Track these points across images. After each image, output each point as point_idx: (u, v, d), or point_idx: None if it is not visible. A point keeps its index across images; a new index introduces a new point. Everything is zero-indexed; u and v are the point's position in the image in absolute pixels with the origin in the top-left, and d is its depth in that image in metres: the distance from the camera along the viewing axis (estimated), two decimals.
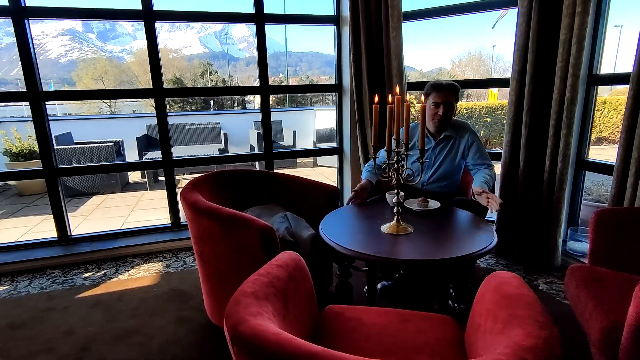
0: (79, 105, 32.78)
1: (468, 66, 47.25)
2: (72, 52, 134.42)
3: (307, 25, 3.17)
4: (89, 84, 35.37)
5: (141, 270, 2.53)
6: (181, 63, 52.31)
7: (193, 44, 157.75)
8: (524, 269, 2.44)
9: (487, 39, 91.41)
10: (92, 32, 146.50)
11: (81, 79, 37.73)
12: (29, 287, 2.35)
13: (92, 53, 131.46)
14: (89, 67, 40.30)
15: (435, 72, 67.23)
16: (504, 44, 53.05)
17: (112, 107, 32.59)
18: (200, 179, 2.00)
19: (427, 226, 1.66)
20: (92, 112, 28.96)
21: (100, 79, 36.39)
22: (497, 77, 14.79)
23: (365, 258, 1.38)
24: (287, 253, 1.23)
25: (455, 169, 2.14)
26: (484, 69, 44.82)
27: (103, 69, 37.81)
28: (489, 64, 45.03)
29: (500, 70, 50.33)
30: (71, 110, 31.47)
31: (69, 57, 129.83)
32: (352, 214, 1.92)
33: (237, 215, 1.57)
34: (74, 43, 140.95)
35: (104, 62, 42.66)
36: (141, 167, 3.41)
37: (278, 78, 59.18)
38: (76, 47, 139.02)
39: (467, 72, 46.40)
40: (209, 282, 1.78)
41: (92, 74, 37.35)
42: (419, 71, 62.01)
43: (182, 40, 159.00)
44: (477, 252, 1.38)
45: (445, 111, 2.02)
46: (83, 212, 4.18)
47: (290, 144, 6.38)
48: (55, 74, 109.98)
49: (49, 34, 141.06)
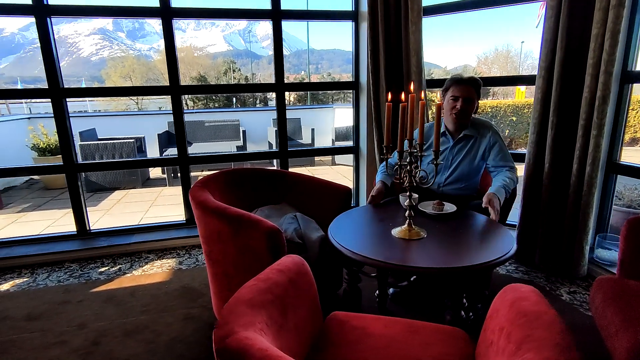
0: (108, 102, 33.93)
1: (495, 63, 45.95)
2: (103, 51, 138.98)
3: (327, 22, 3.12)
4: (117, 82, 36.48)
5: (154, 267, 2.55)
6: (205, 61, 53.26)
7: (218, 42, 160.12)
8: (545, 276, 2.32)
9: (515, 34, 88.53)
10: (122, 31, 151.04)
11: (110, 76, 39.01)
12: (47, 280, 2.41)
13: (122, 51, 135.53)
14: (117, 65, 41.60)
15: (460, 69, 65.72)
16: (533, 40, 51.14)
17: (138, 104, 33.50)
18: (211, 177, 1.98)
19: (442, 231, 1.58)
20: (119, 109, 29.92)
21: (128, 76, 37.51)
22: (524, 74, 14.19)
23: (374, 264, 1.32)
24: (290, 257, 1.18)
25: (474, 170, 2.03)
26: (512, 66, 43.48)
27: (131, 67, 38.95)
28: (516, 61, 43.66)
29: (529, 68, 48.74)
30: (100, 107, 32.63)
31: (99, 56, 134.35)
32: (364, 215, 1.85)
33: (244, 216, 1.54)
34: (104, 42, 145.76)
35: (132, 60, 43.92)
36: (157, 163, 3.45)
37: (300, 75, 59.33)
38: (106, 45, 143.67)
39: (493, 69, 45.18)
40: (217, 282, 1.76)
41: (121, 71, 38.56)
42: (443, 68, 60.76)
43: (208, 38, 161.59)
44: (493, 260, 1.29)
45: (464, 106, 1.92)
46: (105, 206, 4.28)
47: (308, 141, 6.34)
48: (86, 72, 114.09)
49: (82, 33, 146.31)
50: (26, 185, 5.28)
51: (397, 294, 2.04)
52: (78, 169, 2.76)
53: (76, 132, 4.97)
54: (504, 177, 1.88)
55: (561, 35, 2.12)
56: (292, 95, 30.08)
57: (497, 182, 1.86)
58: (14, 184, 5.24)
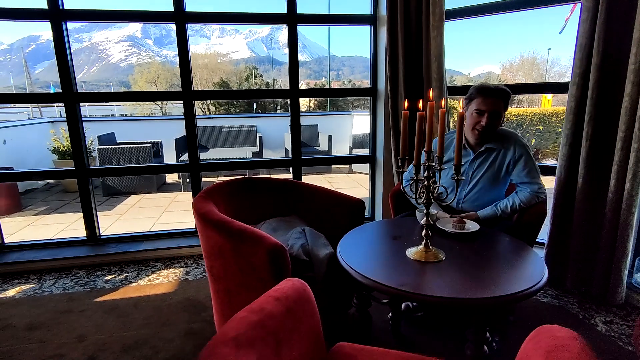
0: (134, 107, 34.91)
1: (520, 70, 44.91)
2: (132, 57, 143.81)
3: (348, 28, 3.02)
4: (143, 87, 37.53)
5: (161, 276, 2.48)
6: (228, 67, 54.18)
7: (241, 49, 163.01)
8: (578, 302, 2.11)
9: (540, 41, 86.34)
10: (149, 38, 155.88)
11: (136, 82, 40.17)
12: (53, 287, 2.37)
13: (149, 58, 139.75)
14: (144, 71, 42.82)
15: (483, 76, 64.43)
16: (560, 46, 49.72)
17: (163, 108, 34.30)
18: (216, 187, 1.89)
19: (462, 253, 1.43)
20: (145, 113, 30.67)
21: (153, 82, 38.53)
22: (554, 81, 13.62)
23: (385, 290, 1.18)
24: (290, 281, 1.06)
25: (497, 186, 1.86)
26: (537, 74, 42.34)
27: (156, 72, 40.00)
28: (542, 68, 42.49)
29: (556, 75, 47.34)
30: (127, 112, 33.58)
31: (128, 62, 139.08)
32: (377, 232, 1.72)
33: (247, 231, 1.43)
34: (133, 48, 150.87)
35: (157, 66, 45.12)
36: (167, 170, 3.40)
37: (320, 82, 59.52)
38: (135, 52, 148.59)
39: (518, 76, 44.17)
40: (219, 299, 1.66)
41: (147, 77, 39.65)
42: (466, 75, 59.73)
43: (231, 45, 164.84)
44: (523, 291, 1.13)
45: (490, 122, 1.74)
46: (119, 211, 4.28)
47: (325, 148, 6.24)
48: (115, 77, 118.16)
49: (112, 40, 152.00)
50: (46, 187, 5.37)
51: (413, 317, 1.89)
52: (89, 174, 2.74)
53: (95, 136, 5.04)
54: (516, 199, 1.79)
55: (598, 39, 1.94)
56: (312, 102, 30.16)
57: (501, 204, 1.80)
58: (35, 186, 5.34)
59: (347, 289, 1.77)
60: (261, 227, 1.87)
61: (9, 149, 5.19)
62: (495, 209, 1.77)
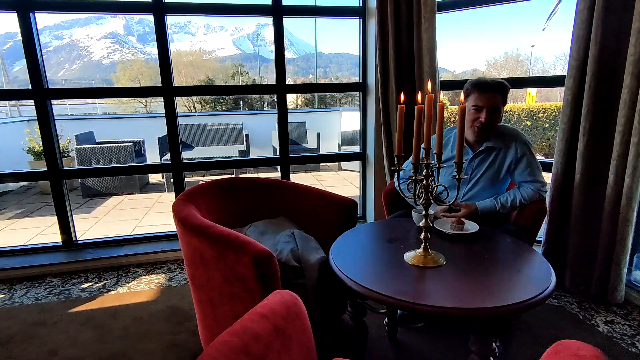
0: (117, 104, 34.12)
1: (504, 67, 45.51)
2: (114, 54, 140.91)
3: (335, 24, 2.92)
4: (125, 84, 36.64)
5: (142, 283, 2.34)
6: (214, 64, 53.50)
7: (227, 46, 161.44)
8: (577, 302, 2.05)
9: (524, 38, 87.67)
10: (132, 35, 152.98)
11: (119, 79, 39.30)
12: (25, 297, 2.20)
13: (132, 55, 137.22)
14: (126, 68, 41.93)
15: (469, 73, 65.10)
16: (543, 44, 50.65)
17: (147, 106, 33.61)
18: (198, 188, 1.77)
19: (463, 256, 1.34)
20: (128, 111, 30.02)
21: (136, 79, 37.72)
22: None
23: (382, 300, 1.08)
24: (279, 294, 0.95)
25: (497, 186, 1.78)
26: (522, 70, 42.94)
27: (139, 70, 39.19)
28: (526, 65, 43.09)
29: (539, 72, 48.12)
30: (110, 110, 32.80)
31: (110, 59, 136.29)
32: (371, 235, 1.62)
33: (230, 236, 1.31)
34: (115, 45, 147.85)
35: (141, 64, 44.24)
36: (148, 170, 3.23)
37: (307, 79, 59.25)
38: (117, 49, 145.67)
39: (503, 73, 44.74)
40: (202, 309, 1.54)
41: (129, 74, 38.82)
42: (452, 72, 60.28)
43: (217, 42, 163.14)
44: (531, 299, 1.05)
45: (489, 117, 1.66)
46: (98, 213, 4.09)
47: (314, 146, 6.12)
48: (97, 75, 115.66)
49: (93, 37, 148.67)
50: (22, 190, 5.13)
51: (412, 325, 1.79)
52: (63, 175, 2.57)
53: (73, 135, 4.82)
54: (518, 193, 1.72)
55: (595, 30, 1.88)
56: (300, 99, 29.94)
57: (502, 198, 1.72)
58: (10, 189, 5.10)
59: (340, 296, 1.67)
60: (247, 230, 1.75)
61: None
62: (495, 203, 1.69)
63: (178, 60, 48.83)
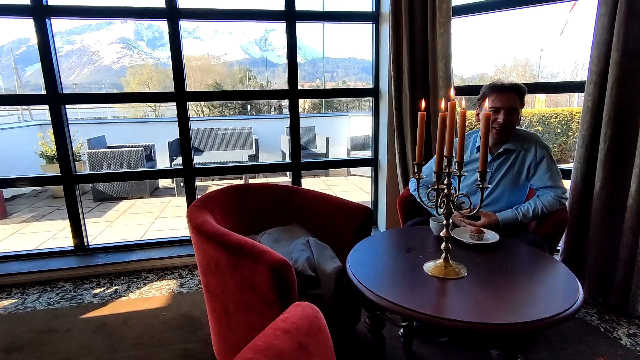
0: (126, 109, 34.50)
1: (513, 72, 45.25)
2: (124, 59, 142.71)
3: (344, 27, 2.91)
4: (135, 89, 37.13)
5: (153, 289, 2.33)
6: (222, 69, 53.90)
7: (235, 51, 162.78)
8: (597, 313, 1.99)
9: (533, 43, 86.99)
10: (142, 40, 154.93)
11: (129, 84, 39.78)
12: (37, 302, 2.20)
13: (141, 60, 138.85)
14: (136, 73, 42.42)
15: (477, 77, 64.91)
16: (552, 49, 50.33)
17: (155, 111, 33.93)
18: (212, 195, 1.75)
19: (484, 267, 1.30)
20: (137, 116, 30.31)
21: (146, 84, 38.15)
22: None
23: (404, 313, 1.05)
24: (299, 307, 0.93)
25: (517, 191, 1.74)
26: (530, 75, 42.64)
27: (149, 74, 39.64)
28: (535, 70, 42.77)
29: (548, 76, 47.68)
30: (119, 114, 33.17)
31: (120, 64, 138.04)
32: (388, 243, 1.59)
33: (246, 245, 1.29)
34: (125, 50, 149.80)
35: (150, 68, 44.74)
36: (160, 175, 3.23)
37: (315, 83, 59.45)
38: (127, 54, 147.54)
39: (511, 78, 44.44)
40: (216, 318, 1.52)
41: (139, 79, 39.28)
42: (460, 77, 60.07)
43: (225, 47, 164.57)
44: (558, 315, 1.01)
45: (508, 118, 1.63)
46: (109, 217, 4.11)
47: (323, 151, 6.10)
48: (107, 80, 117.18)
49: (104, 42, 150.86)
50: (34, 193, 5.18)
51: (436, 339, 1.75)
52: (76, 180, 2.58)
53: (85, 139, 4.86)
54: (539, 203, 1.66)
55: (617, 35, 1.83)
56: (307, 103, 30.02)
57: (523, 207, 1.67)
58: (22, 192, 5.15)
59: (355, 307, 1.64)
60: (262, 237, 1.73)
61: None
62: (517, 213, 1.64)
63: (186, 65, 49.30)
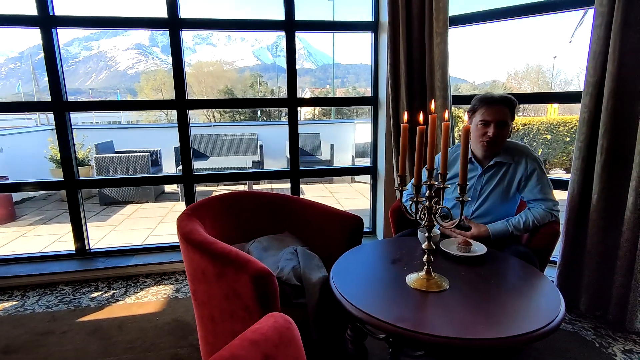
0: (139, 114, 35.13)
1: (525, 78, 44.79)
2: (139, 65, 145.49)
3: (353, 36, 2.91)
4: (149, 94, 37.80)
5: (149, 294, 2.36)
6: (233, 75, 54.48)
7: (246, 57, 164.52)
8: (593, 328, 1.95)
9: (547, 49, 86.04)
10: (157, 46, 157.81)
11: (142, 89, 40.50)
12: (36, 305, 2.25)
13: (156, 65, 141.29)
14: (150, 78, 43.17)
15: (488, 84, 64.27)
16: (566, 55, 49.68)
17: (168, 115, 34.43)
18: (204, 202, 1.78)
19: (468, 280, 1.29)
20: (150, 121, 30.82)
21: (159, 89, 38.81)
22: (558, 90, 13.23)
23: (381, 326, 1.05)
24: (272, 317, 0.94)
25: (507, 203, 1.73)
26: (543, 82, 42.16)
27: (162, 80, 40.29)
28: (548, 76, 42.31)
29: (562, 83, 47.06)
30: (133, 119, 33.78)
31: (135, 69, 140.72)
32: (374, 254, 1.59)
33: (231, 254, 1.31)
34: (140, 56, 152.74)
35: (163, 74, 45.48)
36: (160, 181, 3.30)
37: (325, 89, 59.79)
38: (142, 59, 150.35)
39: (524, 84, 44.04)
40: (203, 325, 1.53)
41: (152, 84, 39.97)
42: (471, 83, 59.59)
43: (237, 53, 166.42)
44: (539, 330, 1.00)
45: (497, 132, 1.62)
46: (114, 221, 4.18)
47: (327, 157, 6.12)
48: (122, 85, 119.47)
49: (120, 48, 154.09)
50: (43, 196, 5.30)
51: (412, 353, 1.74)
52: (78, 185, 2.64)
53: (93, 144, 4.97)
54: (529, 216, 1.65)
55: (613, 46, 1.82)
56: (317, 109, 30.15)
57: (514, 220, 1.66)
58: (32, 195, 5.27)
59: (340, 318, 1.63)
60: (251, 245, 1.75)
61: (7, 158, 5.13)
62: (508, 225, 1.63)
63: (199, 71, 50.06)
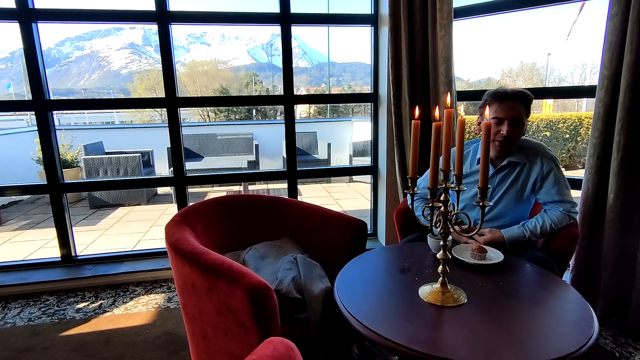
0: (132, 114, 34.76)
1: (520, 76, 44.92)
2: (132, 64, 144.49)
3: (348, 34, 2.85)
4: (142, 94, 37.39)
5: (139, 304, 2.22)
6: (228, 74, 54.21)
7: (241, 56, 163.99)
8: (612, 336, 1.85)
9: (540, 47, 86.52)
10: (150, 45, 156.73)
11: (136, 89, 40.11)
12: (17, 318, 2.11)
13: (149, 65, 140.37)
14: (143, 78, 42.76)
15: (483, 82, 64.46)
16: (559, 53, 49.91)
17: (162, 115, 34.09)
18: (195, 208, 1.64)
19: (486, 293, 1.17)
20: (144, 120, 30.50)
21: (152, 88, 38.43)
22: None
23: (393, 348, 0.93)
24: (272, 344, 0.81)
25: (521, 205, 1.61)
26: (537, 79, 42.29)
27: (155, 79, 39.90)
28: (542, 74, 42.44)
29: (556, 80, 47.28)
30: (126, 118, 33.40)
31: (128, 69, 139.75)
32: (381, 263, 1.46)
33: (223, 266, 1.18)
34: (133, 56, 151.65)
35: (157, 74, 45.00)
36: (151, 183, 3.13)
37: (320, 88, 59.57)
38: (135, 59, 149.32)
39: (518, 82, 44.20)
40: (195, 342, 1.40)
41: (146, 84, 39.58)
42: (466, 81, 59.74)
43: (231, 52, 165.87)
44: (571, 354, 0.88)
45: (512, 130, 1.50)
46: (104, 225, 4.02)
47: (324, 157, 5.99)
48: (115, 85, 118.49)
49: (112, 47, 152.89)
50: (32, 199, 5.13)
51: None
52: (63, 188, 2.49)
53: (81, 145, 4.80)
54: (546, 218, 1.54)
55: (631, 36, 1.70)
56: (312, 108, 29.96)
57: (530, 224, 1.54)
58: (20, 199, 5.09)
59: (347, 334, 1.51)
60: (247, 253, 1.62)
61: None
62: (524, 230, 1.52)
63: (193, 70, 49.69)
